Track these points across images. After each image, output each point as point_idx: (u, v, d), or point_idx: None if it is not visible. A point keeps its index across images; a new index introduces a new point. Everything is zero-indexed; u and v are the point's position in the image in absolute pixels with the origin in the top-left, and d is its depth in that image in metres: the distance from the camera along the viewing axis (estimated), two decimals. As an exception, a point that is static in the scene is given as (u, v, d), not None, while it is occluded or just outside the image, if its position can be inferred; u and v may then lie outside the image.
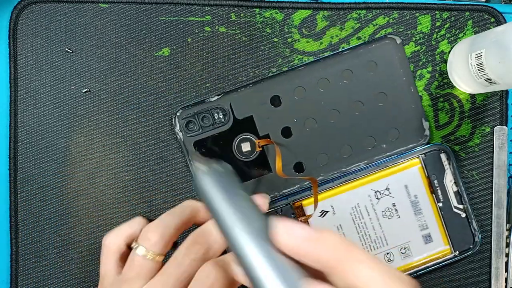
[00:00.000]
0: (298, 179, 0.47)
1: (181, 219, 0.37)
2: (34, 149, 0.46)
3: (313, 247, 0.27)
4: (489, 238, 0.49)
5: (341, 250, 0.26)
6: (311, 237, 0.27)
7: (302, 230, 0.27)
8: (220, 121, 0.46)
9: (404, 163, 0.47)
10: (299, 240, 0.27)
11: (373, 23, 0.47)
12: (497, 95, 0.48)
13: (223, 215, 0.29)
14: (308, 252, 0.27)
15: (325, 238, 0.27)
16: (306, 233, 0.27)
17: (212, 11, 0.46)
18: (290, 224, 0.27)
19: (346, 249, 0.26)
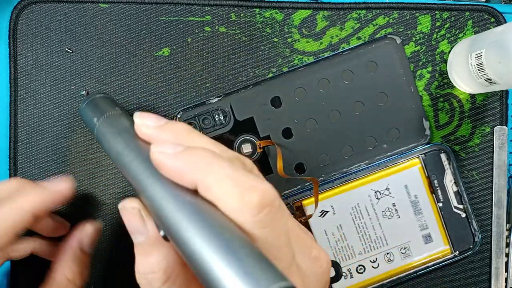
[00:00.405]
0: (299, 180, 0.47)
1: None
2: (34, 149, 0.46)
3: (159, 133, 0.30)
4: (489, 238, 0.49)
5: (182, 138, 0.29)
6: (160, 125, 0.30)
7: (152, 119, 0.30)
8: (221, 122, 0.46)
9: (404, 163, 0.47)
10: (150, 129, 0.30)
11: (373, 23, 0.47)
12: (497, 95, 0.48)
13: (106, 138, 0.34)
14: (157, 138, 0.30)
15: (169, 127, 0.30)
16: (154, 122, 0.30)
17: (212, 11, 0.46)
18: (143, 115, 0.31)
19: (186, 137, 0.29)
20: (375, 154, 0.47)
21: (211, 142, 0.29)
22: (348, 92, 0.47)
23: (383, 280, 0.47)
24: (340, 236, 0.47)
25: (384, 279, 0.47)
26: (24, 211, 0.36)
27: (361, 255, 0.47)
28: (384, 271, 0.47)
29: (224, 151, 0.29)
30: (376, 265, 0.47)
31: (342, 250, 0.47)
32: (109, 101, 0.40)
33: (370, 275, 0.47)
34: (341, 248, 0.47)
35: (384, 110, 0.47)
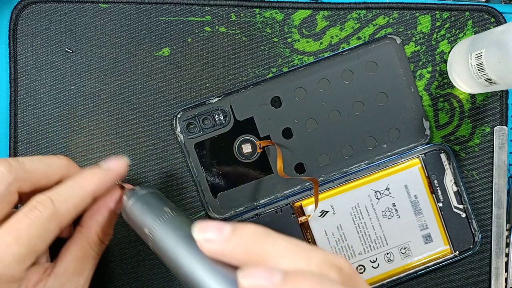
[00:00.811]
0: (299, 180, 0.47)
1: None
2: (34, 149, 0.46)
3: (229, 248, 0.28)
4: (489, 238, 0.49)
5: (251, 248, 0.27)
6: (225, 238, 0.28)
7: (214, 231, 0.28)
8: (221, 122, 0.46)
9: (404, 163, 0.47)
10: (215, 244, 0.28)
11: (373, 23, 0.47)
12: (497, 95, 0.48)
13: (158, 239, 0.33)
14: (227, 255, 0.28)
15: (236, 238, 0.28)
16: (219, 236, 0.28)
17: (212, 11, 0.46)
18: (204, 227, 0.29)
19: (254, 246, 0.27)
20: (375, 154, 0.47)
21: (291, 247, 0.27)
22: (348, 92, 0.47)
23: (383, 280, 0.47)
24: (340, 236, 0.47)
25: (384, 279, 0.47)
26: (87, 193, 0.36)
27: (361, 255, 0.47)
28: (384, 271, 0.47)
29: (310, 257, 0.27)
30: (376, 265, 0.47)
31: (342, 250, 0.47)
32: (159, 200, 0.37)
33: (370, 275, 0.47)
34: (341, 248, 0.47)
35: (384, 110, 0.47)
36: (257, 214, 0.46)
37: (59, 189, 0.35)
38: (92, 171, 0.37)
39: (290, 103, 0.47)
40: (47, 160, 0.37)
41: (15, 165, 0.35)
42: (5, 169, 0.34)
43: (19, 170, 0.35)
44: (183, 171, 0.47)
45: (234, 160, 0.47)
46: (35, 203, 0.34)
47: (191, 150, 0.46)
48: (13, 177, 0.34)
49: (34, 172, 0.36)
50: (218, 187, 0.47)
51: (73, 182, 0.36)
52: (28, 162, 0.36)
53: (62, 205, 0.34)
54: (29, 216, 0.33)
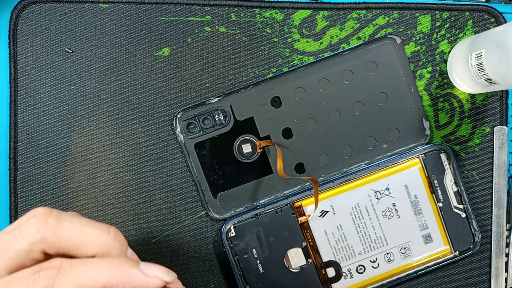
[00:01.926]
0: (299, 180, 0.47)
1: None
2: (34, 149, 0.46)
3: None
4: (489, 238, 0.49)
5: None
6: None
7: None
8: (221, 122, 0.46)
9: (404, 163, 0.47)
10: None
11: (373, 23, 0.47)
12: (497, 95, 0.48)
13: None
14: None
15: None
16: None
17: (212, 11, 0.46)
18: None
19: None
20: (375, 154, 0.47)
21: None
22: (348, 92, 0.47)
23: (383, 280, 0.47)
24: (340, 236, 0.47)
25: (384, 279, 0.47)
26: (97, 283, 0.30)
27: (361, 255, 0.47)
28: (384, 271, 0.47)
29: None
30: (376, 265, 0.47)
31: (342, 250, 0.47)
32: None
33: (370, 275, 0.47)
34: (341, 248, 0.47)
35: (384, 110, 0.47)
36: (257, 214, 0.46)
37: (77, 262, 0.31)
38: (119, 262, 0.31)
39: (290, 103, 0.47)
40: (89, 231, 0.32)
41: (52, 224, 0.31)
42: (37, 227, 0.31)
43: (51, 232, 0.31)
44: (183, 171, 0.47)
45: (234, 160, 0.47)
46: (44, 267, 0.30)
47: (191, 150, 0.46)
48: (40, 238, 0.31)
49: (65, 240, 0.31)
50: (218, 187, 0.47)
51: (96, 263, 0.31)
52: (66, 227, 0.31)
53: (62, 283, 0.30)
54: (28, 279, 0.29)
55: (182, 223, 0.47)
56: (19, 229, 0.31)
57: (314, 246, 0.47)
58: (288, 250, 0.47)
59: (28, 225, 0.31)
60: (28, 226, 0.30)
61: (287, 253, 0.47)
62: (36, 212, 0.31)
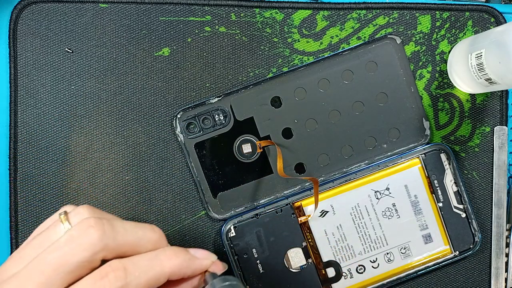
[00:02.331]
0: (299, 180, 0.47)
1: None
2: (34, 149, 0.46)
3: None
4: (489, 238, 0.49)
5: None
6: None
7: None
8: (221, 122, 0.46)
9: (404, 163, 0.47)
10: None
11: (373, 23, 0.47)
12: (497, 95, 0.48)
13: None
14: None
15: None
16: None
17: (212, 11, 0.46)
18: None
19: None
20: (375, 154, 0.47)
21: None
22: (348, 92, 0.47)
23: (383, 280, 0.47)
24: (340, 236, 0.47)
25: (384, 279, 0.47)
26: (163, 273, 0.33)
27: (361, 255, 0.47)
28: (384, 271, 0.47)
29: None
30: (376, 265, 0.47)
31: (342, 250, 0.47)
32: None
33: (370, 275, 0.47)
34: (341, 248, 0.47)
35: (384, 110, 0.47)
36: (257, 214, 0.46)
37: (138, 259, 0.33)
38: (175, 251, 0.34)
39: (290, 103, 0.47)
40: (140, 232, 0.34)
41: (109, 232, 0.32)
42: (98, 236, 0.31)
43: (111, 239, 0.32)
44: (183, 171, 0.47)
45: (234, 160, 0.47)
46: (108, 270, 0.31)
47: (191, 150, 0.46)
48: (102, 246, 0.31)
49: (123, 245, 0.33)
50: (218, 187, 0.47)
51: (154, 257, 0.33)
52: (121, 232, 0.33)
53: (134, 280, 0.32)
54: (98, 285, 0.30)
55: (182, 223, 0.47)
56: (78, 241, 0.31)
57: (314, 246, 0.47)
58: (288, 250, 0.47)
59: (87, 235, 0.31)
60: (88, 236, 0.31)
61: (287, 253, 0.47)
62: (91, 222, 0.32)
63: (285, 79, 0.46)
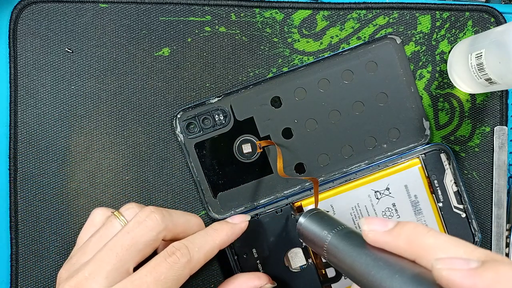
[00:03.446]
0: (299, 180, 0.47)
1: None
2: (34, 149, 0.46)
3: (392, 239, 0.31)
4: (489, 238, 0.49)
5: (413, 239, 0.30)
6: (389, 229, 0.31)
7: (380, 224, 0.32)
8: (221, 122, 0.46)
9: (404, 163, 0.47)
10: (380, 234, 0.31)
11: (373, 23, 0.47)
12: (497, 95, 0.48)
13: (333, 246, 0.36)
14: (390, 244, 0.31)
15: (399, 230, 0.31)
16: (384, 227, 0.32)
17: (212, 11, 0.46)
18: (370, 220, 0.32)
19: (417, 238, 0.29)
20: (375, 154, 0.47)
21: (453, 241, 0.28)
22: (348, 92, 0.47)
23: (383, 280, 0.47)
24: (340, 236, 0.47)
25: (384, 279, 0.47)
26: (216, 244, 0.41)
27: (361, 255, 0.47)
28: (384, 271, 0.47)
29: (471, 252, 0.28)
30: (376, 265, 0.47)
31: (342, 250, 0.47)
32: (330, 217, 0.41)
33: (370, 275, 0.47)
34: (341, 248, 0.47)
35: (384, 110, 0.47)
36: (257, 214, 0.46)
37: (193, 238, 0.40)
38: (220, 226, 0.42)
39: (290, 103, 0.47)
40: (188, 217, 0.42)
41: (167, 215, 0.39)
42: (160, 218, 0.39)
43: (169, 221, 0.39)
44: (183, 171, 0.47)
45: (234, 160, 0.47)
46: (174, 250, 0.38)
47: (191, 150, 0.46)
48: (164, 226, 0.39)
49: (178, 225, 0.40)
50: (218, 187, 0.47)
51: (205, 233, 0.41)
52: (175, 215, 0.41)
53: (196, 254, 0.38)
54: (168, 260, 0.37)
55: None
56: (144, 224, 0.38)
57: (314, 246, 0.47)
58: (288, 250, 0.47)
59: (151, 219, 0.38)
60: (152, 220, 0.38)
61: (287, 253, 0.47)
62: (151, 209, 0.39)
63: (285, 79, 0.46)
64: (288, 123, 0.47)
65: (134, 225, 0.38)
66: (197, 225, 0.42)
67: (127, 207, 0.41)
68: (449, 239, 0.28)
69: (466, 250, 0.27)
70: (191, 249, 0.38)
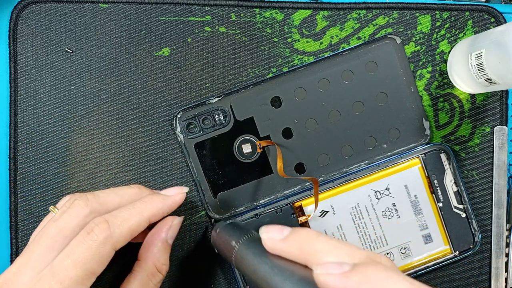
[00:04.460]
0: (299, 180, 0.47)
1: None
2: (34, 149, 0.46)
3: (286, 246, 0.32)
4: (489, 238, 0.49)
5: (304, 245, 0.31)
6: (284, 237, 0.33)
7: (276, 232, 0.33)
8: (221, 122, 0.46)
9: (404, 163, 0.47)
10: (276, 242, 0.33)
11: (373, 23, 0.47)
12: (497, 95, 0.48)
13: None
14: (285, 251, 0.32)
15: (292, 237, 0.32)
16: (280, 235, 0.33)
17: (212, 11, 0.46)
18: (268, 229, 0.33)
19: (307, 244, 0.31)
20: (375, 154, 0.47)
21: (337, 245, 0.30)
22: (348, 92, 0.47)
23: (383, 280, 0.47)
24: (340, 236, 0.47)
25: (384, 279, 0.47)
26: (143, 217, 0.38)
27: (361, 255, 0.47)
28: (384, 271, 0.47)
29: (353, 253, 0.30)
30: (376, 265, 0.47)
31: (342, 250, 0.47)
32: (239, 226, 0.41)
33: (370, 275, 0.47)
34: (341, 248, 0.47)
35: (384, 110, 0.47)
36: (257, 214, 0.46)
37: (118, 212, 0.38)
38: (150, 197, 0.40)
39: (290, 103, 0.47)
40: (120, 192, 0.40)
41: (91, 198, 0.38)
42: (83, 203, 0.37)
43: (94, 203, 0.38)
44: (183, 171, 0.47)
45: (234, 160, 0.47)
46: (92, 226, 0.36)
47: (191, 150, 0.46)
48: (89, 210, 0.37)
49: (108, 204, 0.39)
50: (218, 187, 0.47)
51: (131, 206, 0.38)
52: (102, 195, 0.39)
53: (117, 229, 0.36)
54: (86, 240, 0.35)
55: (182, 223, 0.47)
56: (68, 212, 0.37)
57: (314, 246, 0.47)
58: (288, 250, 0.47)
59: (75, 205, 0.37)
60: (76, 207, 0.37)
61: (287, 253, 0.47)
62: (76, 196, 0.38)
63: (285, 79, 0.46)
64: (288, 123, 0.47)
65: (59, 214, 0.37)
66: (133, 196, 0.40)
67: (63, 200, 0.40)
68: (336, 243, 0.30)
69: (348, 252, 0.30)
70: (112, 223, 0.36)
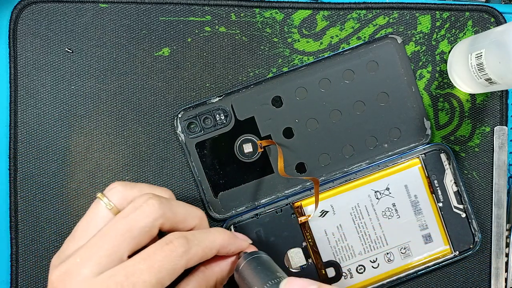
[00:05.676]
0: (300, 180, 0.47)
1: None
2: (34, 149, 0.46)
3: None
4: (489, 238, 0.49)
5: None
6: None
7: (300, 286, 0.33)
8: (222, 122, 0.46)
9: (404, 163, 0.47)
10: None
11: (373, 23, 0.47)
12: (497, 95, 0.48)
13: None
14: None
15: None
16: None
17: (212, 11, 0.46)
18: (292, 282, 0.34)
19: None
20: (376, 153, 0.47)
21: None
22: (349, 91, 0.47)
23: (383, 280, 0.47)
24: (340, 236, 0.47)
25: (384, 279, 0.47)
26: (215, 244, 0.38)
27: (361, 255, 0.47)
28: (384, 271, 0.47)
29: None
30: (376, 265, 0.47)
31: (342, 250, 0.47)
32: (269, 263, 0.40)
33: (370, 275, 0.47)
34: (341, 248, 0.47)
35: (385, 109, 0.47)
36: (257, 214, 0.46)
37: (194, 232, 0.38)
38: (223, 230, 0.40)
39: (291, 102, 0.47)
40: (188, 208, 0.39)
41: (165, 202, 0.37)
42: (157, 204, 0.36)
43: (167, 208, 0.37)
44: (184, 170, 0.47)
45: (235, 160, 0.47)
46: (172, 238, 0.35)
47: (192, 149, 0.46)
48: (161, 213, 0.36)
49: (177, 215, 0.38)
50: (219, 186, 0.47)
51: (206, 231, 0.39)
52: (175, 204, 0.38)
53: (194, 247, 0.36)
54: (164, 249, 0.35)
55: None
56: (140, 210, 0.36)
57: (314, 246, 0.47)
58: (288, 250, 0.47)
59: (148, 205, 0.36)
60: (149, 206, 0.36)
61: (287, 253, 0.47)
62: (150, 195, 0.37)
63: (286, 79, 0.46)
64: (289, 122, 0.47)
65: (130, 210, 0.36)
66: (198, 218, 0.40)
67: (111, 187, 0.38)
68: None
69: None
70: (190, 241, 0.36)
